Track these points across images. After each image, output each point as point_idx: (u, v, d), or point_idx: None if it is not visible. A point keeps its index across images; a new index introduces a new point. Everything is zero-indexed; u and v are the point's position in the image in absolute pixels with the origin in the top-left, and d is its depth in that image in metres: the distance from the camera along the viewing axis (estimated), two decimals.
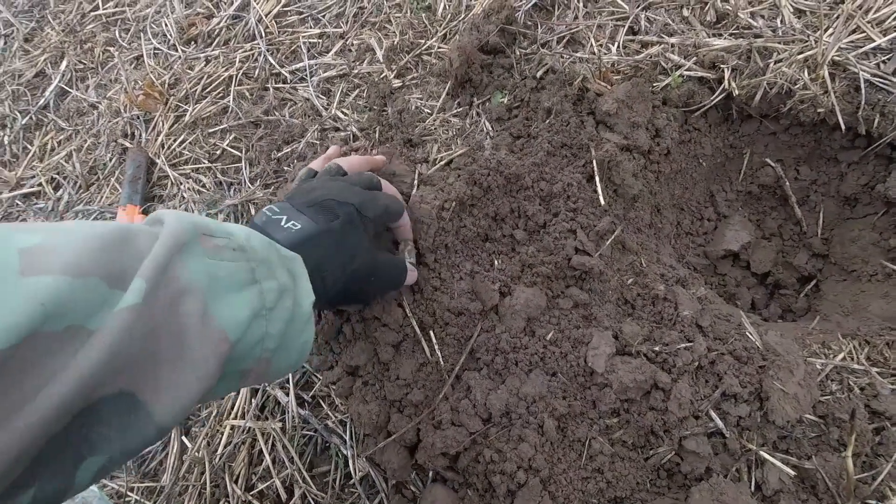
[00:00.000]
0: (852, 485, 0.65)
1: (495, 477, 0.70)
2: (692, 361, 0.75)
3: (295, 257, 0.48)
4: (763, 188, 1.09)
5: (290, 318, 0.43)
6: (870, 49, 0.94)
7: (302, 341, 0.46)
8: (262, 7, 1.47)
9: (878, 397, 0.70)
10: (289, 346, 0.44)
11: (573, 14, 1.16)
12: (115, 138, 1.45)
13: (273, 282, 0.42)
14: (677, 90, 1.01)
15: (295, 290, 0.45)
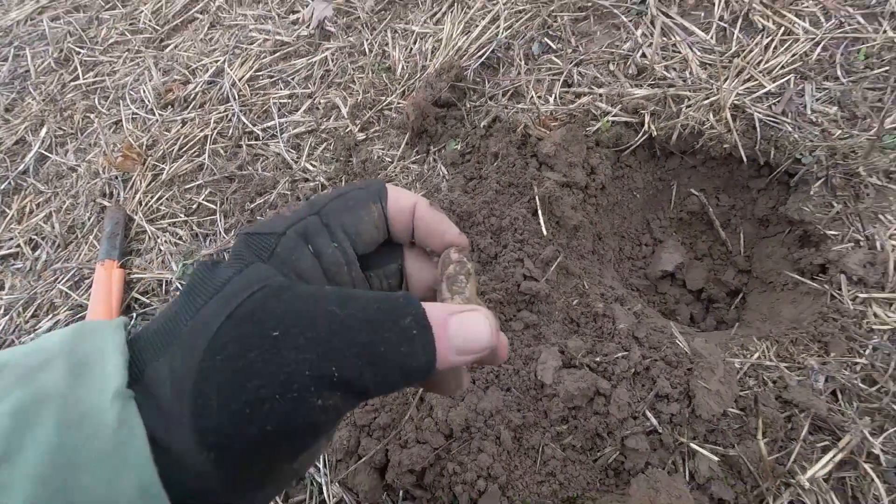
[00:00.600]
0: (769, 466, 0.73)
1: (458, 487, 0.76)
2: (629, 368, 0.84)
3: (101, 329, 0.29)
4: (691, 215, 1.22)
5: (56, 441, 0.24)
6: (762, 94, 1.10)
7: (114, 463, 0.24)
8: (236, 73, 1.60)
9: (788, 388, 0.80)
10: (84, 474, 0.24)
11: (516, 71, 1.31)
12: (94, 198, 1.52)
13: None
14: (607, 133, 1.15)
15: (74, 388, 0.25)
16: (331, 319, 0.27)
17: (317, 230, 0.34)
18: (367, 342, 0.27)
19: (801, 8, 1.20)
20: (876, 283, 0.88)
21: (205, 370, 0.25)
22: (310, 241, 0.33)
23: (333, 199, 0.35)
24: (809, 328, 0.87)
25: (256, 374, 0.25)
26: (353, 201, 0.35)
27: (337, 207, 0.35)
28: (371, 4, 1.57)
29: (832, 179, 0.99)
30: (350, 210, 0.35)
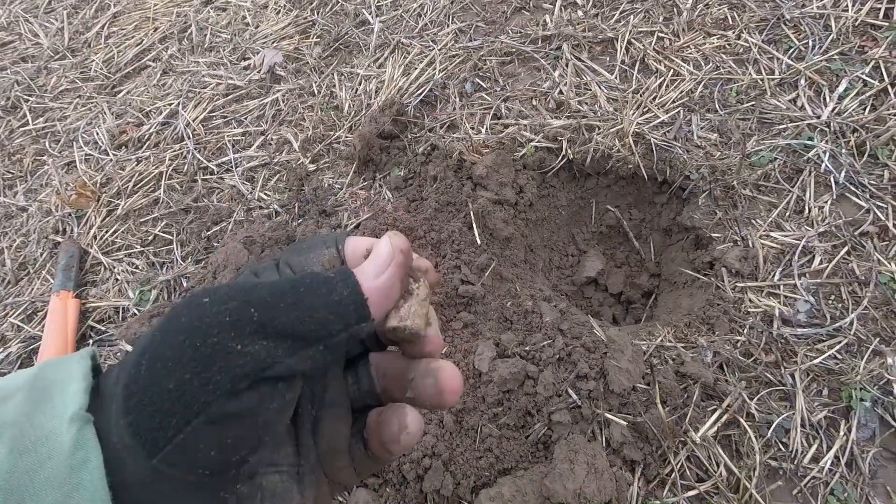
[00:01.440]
0: (668, 429, 0.86)
1: (405, 465, 0.85)
2: (554, 355, 0.96)
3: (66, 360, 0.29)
4: (610, 228, 1.39)
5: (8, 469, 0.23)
6: (657, 123, 1.30)
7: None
8: (190, 114, 1.69)
9: (684, 364, 0.95)
10: None
11: (451, 106, 1.48)
12: (46, 235, 1.55)
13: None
14: (532, 157, 1.32)
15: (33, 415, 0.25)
16: (257, 284, 0.28)
17: (266, 267, 0.36)
18: (287, 290, 0.28)
19: (685, 54, 1.43)
20: (750, 274, 1.06)
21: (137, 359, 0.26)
22: (259, 275, 0.35)
23: (294, 245, 0.38)
24: (700, 313, 1.02)
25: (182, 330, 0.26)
26: (305, 245, 0.37)
27: (289, 250, 0.37)
28: (318, 51, 1.72)
29: (714, 192, 1.18)
30: (300, 252, 0.36)
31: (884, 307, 0.98)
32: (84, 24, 2.11)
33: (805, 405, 0.89)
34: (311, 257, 0.36)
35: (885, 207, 1.09)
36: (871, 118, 1.20)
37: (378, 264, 0.31)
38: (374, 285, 0.30)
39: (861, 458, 0.85)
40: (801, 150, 1.20)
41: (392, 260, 0.31)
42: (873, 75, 1.26)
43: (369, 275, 0.30)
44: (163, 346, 0.26)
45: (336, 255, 0.36)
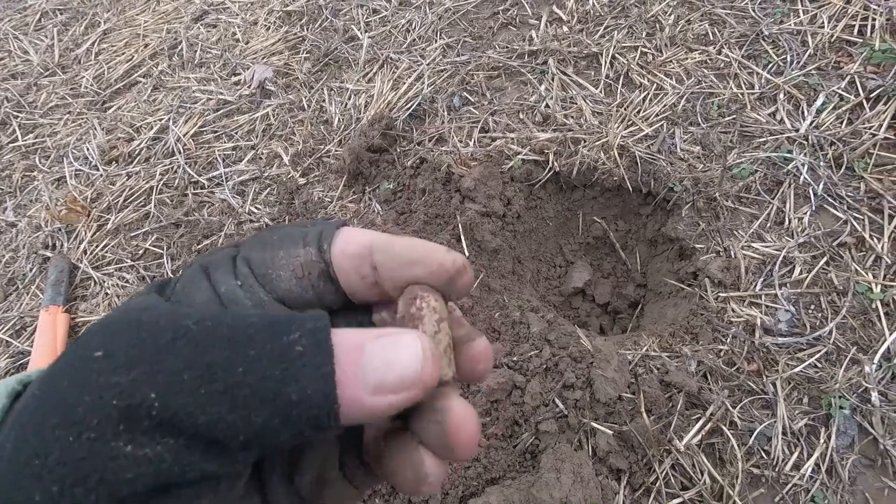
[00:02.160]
0: (653, 437, 0.88)
1: None
2: (541, 365, 0.98)
3: None
4: (597, 239, 1.42)
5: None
6: (641, 136, 1.33)
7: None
8: (181, 129, 1.70)
9: (669, 373, 0.96)
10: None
11: (440, 120, 1.50)
12: (36, 250, 1.55)
13: None
14: (519, 170, 1.34)
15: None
16: (177, 335, 0.19)
17: (220, 262, 0.26)
18: (217, 362, 0.19)
19: (668, 69, 1.47)
20: (732, 284, 1.08)
21: (9, 429, 0.19)
22: (210, 274, 0.26)
23: (265, 232, 0.28)
24: (684, 323, 1.04)
25: (56, 408, 0.18)
26: (277, 237, 0.27)
27: (255, 238, 0.27)
28: (308, 66, 1.74)
29: (697, 203, 1.21)
30: (266, 246, 0.26)
31: (861, 316, 1.00)
32: (74, 41, 2.12)
33: (786, 413, 0.91)
34: (279, 257, 0.26)
35: (861, 219, 1.12)
36: (848, 132, 1.23)
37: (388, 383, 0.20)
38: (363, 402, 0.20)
39: (841, 465, 0.87)
40: (780, 163, 1.23)
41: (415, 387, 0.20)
42: (849, 90, 1.30)
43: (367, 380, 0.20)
44: (31, 429, 0.18)
45: (316, 258, 0.26)
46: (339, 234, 0.26)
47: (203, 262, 0.27)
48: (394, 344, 0.21)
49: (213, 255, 0.27)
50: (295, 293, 0.26)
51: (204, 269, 0.26)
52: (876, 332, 0.98)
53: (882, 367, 0.93)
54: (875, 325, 0.98)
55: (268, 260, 0.26)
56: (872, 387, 0.91)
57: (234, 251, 0.27)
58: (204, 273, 0.26)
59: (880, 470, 0.87)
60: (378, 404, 0.20)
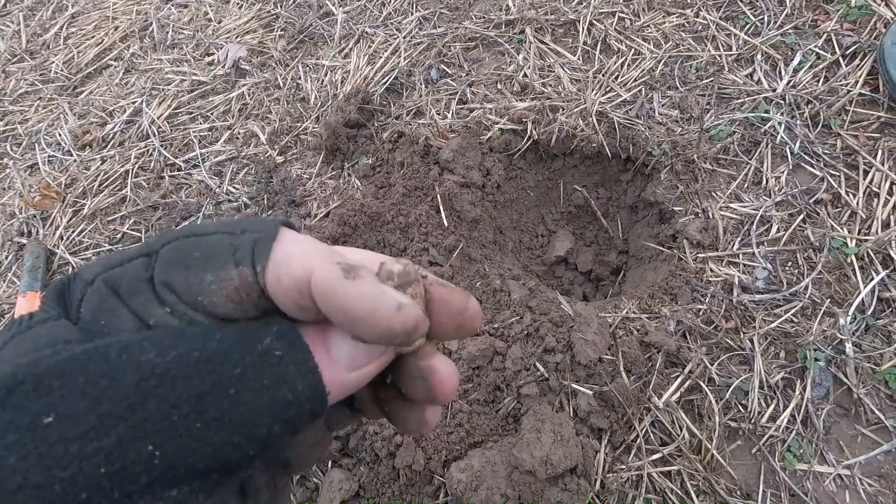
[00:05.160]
0: (632, 396, 0.89)
1: (378, 443, 0.86)
2: (522, 331, 0.98)
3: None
4: (578, 208, 1.41)
5: None
6: (620, 102, 1.32)
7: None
8: (154, 112, 1.67)
9: (648, 333, 0.97)
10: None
11: (417, 93, 1.48)
12: (11, 238, 1.52)
13: None
14: (498, 140, 1.33)
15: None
16: (143, 374, 0.17)
17: (135, 286, 0.22)
18: (205, 391, 0.18)
19: (646, 33, 1.45)
20: (710, 244, 1.08)
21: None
22: (126, 301, 0.22)
23: (182, 237, 0.23)
24: (663, 284, 1.05)
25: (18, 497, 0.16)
26: (200, 253, 0.22)
27: (174, 255, 0.22)
28: (283, 44, 1.71)
29: (675, 167, 1.21)
30: (189, 267, 0.22)
31: (836, 271, 1.01)
32: (41, 26, 2.06)
33: (763, 368, 0.92)
34: (208, 282, 0.21)
35: (837, 175, 1.13)
36: (824, 89, 1.23)
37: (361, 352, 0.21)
38: (345, 379, 0.21)
39: (816, 415, 0.88)
40: (758, 123, 1.23)
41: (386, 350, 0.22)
42: (825, 48, 1.29)
43: (343, 361, 0.21)
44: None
45: (252, 279, 0.21)
46: (274, 251, 0.22)
47: (110, 278, 0.22)
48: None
49: (123, 268, 0.22)
50: (235, 315, 0.22)
51: (113, 290, 0.22)
52: (850, 285, 0.99)
53: (856, 320, 0.95)
54: (850, 279, 0.99)
55: (194, 287, 0.21)
56: (847, 338, 0.92)
57: (144, 267, 0.22)
58: (115, 296, 0.22)
59: (854, 418, 0.89)
60: (358, 377, 0.21)
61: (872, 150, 1.13)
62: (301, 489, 0.91)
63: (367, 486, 0.88)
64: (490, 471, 0.81)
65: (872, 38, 1.25)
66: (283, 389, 0.19)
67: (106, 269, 0.23)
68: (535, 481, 0.80)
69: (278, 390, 0.19)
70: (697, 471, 0.86)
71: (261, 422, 0.19)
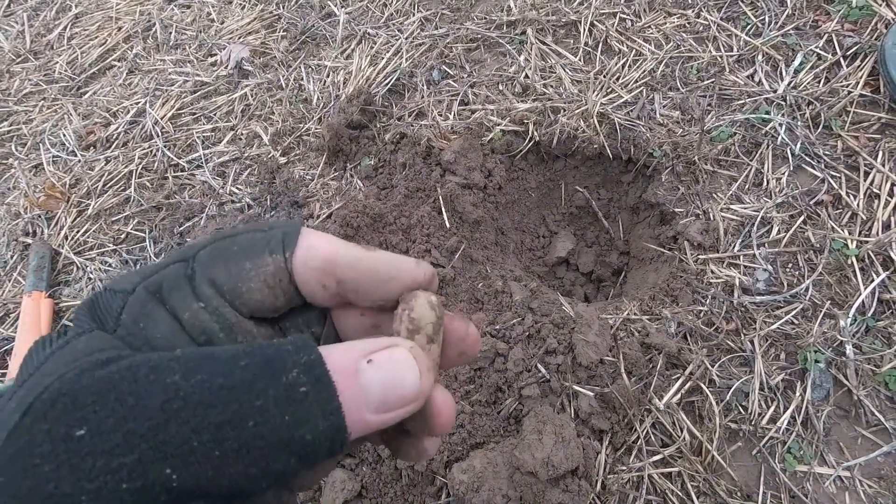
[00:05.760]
0: (633, 397, 0.89)
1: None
2: (523, 332, 0.98)
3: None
4: (579, 209, 1.42)
5: None
6: (621, 103, 1.33)
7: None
8: (158, 112, 1.68)
9: (649, 335, 0.98)
10: None
11: (419, 94, 1.49)
12: (16, 237, 1.53)
13: None
14: (499, 141, 1.34)
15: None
16: (168, 396, 0.18)
17: (175, 284, 0.24)
18: (226, 420, 0.18)
19: (647, 34, 1.46)
20: (711, 246, 1.09)
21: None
22: (164, 300, 0.24)
23: (217, 240, 0.26)
24: (664, 286, 1.05)
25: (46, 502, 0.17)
26: (238, 247, 0.25)
27: (212, 254, 0.25)
28: (285, 45, 1.71)
29: (677, 168, 1.21)
30: (228, 259, 0.25)
31: (837, 272, 1.02)
32: (45, 27, 2.07)
33: (763, 369, 0.93)
34: (247, 269, 0.24)
35: (838, 176, 1.13)
36: (825, 90, 1.23)
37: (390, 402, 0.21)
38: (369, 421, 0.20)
39: (816, 417, 0.89)
40: (758, 124, 1.23)
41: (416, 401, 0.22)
42: (826, 48, 1.29)
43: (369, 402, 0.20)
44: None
45: (283, 265, 0.25)
46: (301, 241, 0.25)
47: (150, 284, 0.24)
48: (390, 362, 0.21)
49: (161, 274, 0.25)
50: (267, 302, 0.25)
51: (154, 293, 0.24)
52: (851, 287, 0.99)
53: (857, 321, 0.95)
54: (850, 281, 1.00)
55: (234, 274, 0.25)
56: (847, 340, 0.93)
57: (185, 267, 0.25)
58: (156, 298, 0.24)
59: (854, 420, 0.89)
60: (381, 421, 0.21)
61: (873, 151, 1.14)
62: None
63: (370, 486, 0.89)
64: (492, 472, 0.81)
65: (873, 38, 1.25)
66: (304, 429, 0.19)
67: (145, 278, 0.25)
68: (536, 482, 0.81)
69: (299, 429, 0.19)
70: (698, 472, 0.87)
71: (278, 457, 0.19)
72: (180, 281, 0.24)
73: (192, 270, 0.25)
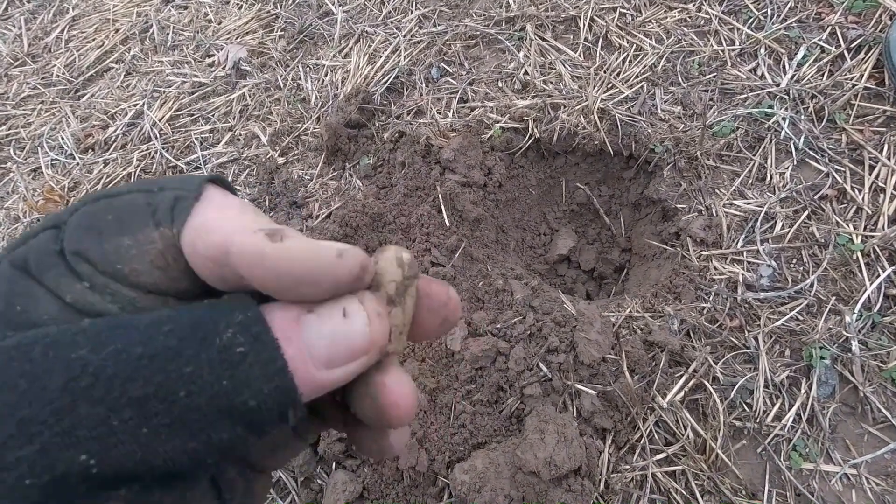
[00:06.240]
0: (636, 395, 0.88)
1: None
2: (525, 331, 0.98)
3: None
4: (580, 206, 1.41)
5: None
6: (621, 98, 1.31)
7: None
8: (156, 114, 1.67)
9: (652, 333, 0.96)
10: None
11: (418, 93, 1.48)
12: None
13: None
14: (499, 139, 1.32)
15: None
16: (73, 374, 0.15)
17: (44, 260, 0.19)
18: (150, 393, 0.16)
19: (648, 29, 1.44)
20: (714, 242, 1.08)
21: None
22: (39, 279, 0.19)
23: (90, 202, 0.21)
24: (666, 283, 1.04)
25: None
26: (113, 215, 0.20)
27: (81, 223, 0.20)
28: (283, 44, 1.70)
29: (678, 164, 1.20)
30: (101, 232, 0.20)
31: (842, 268, 1.00)
32: (43, 29, 2.06)
33: (768, 366, 0.92)
34: (126, 247, 0.19)
35: (842, 171, 1.12)
36: (829, 83, 1.22)
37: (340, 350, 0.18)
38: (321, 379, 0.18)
39: (821, 414, 0.88)
40: (761, 119, 1.21)
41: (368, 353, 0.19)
42: (830, 41, 1.28)
43: (318, 358, 0.18)
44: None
45: (171, 240, 0.20)
46: (192, 216, 0.20)
47: (15, 259, 0.20)
48: (334, 308, 0.18)
49: (28, 246, 0.20)
50: (163, 286, 0.20)
51: (22, 268, 0.19)
52: (857, 282, 0.98)
53: (862, 317, 0.94)
54: (856, 276, 0.99)
55: (111, 254, 0.19)
56: (853, 336, 0.91)
57: (53, 239, 0.20)
58: (26, 275, 0.19)
59: (860, 417, 0.88)
60: (333, 378, 0.18)
61: (878, 144, 1.12)
62: (306, 491, 0.92)
63: (371, 487, 0.88)
64: (494, 472, 0.81)
65: (878, 30, 1.24)
66: (245, 393, 0.16)
67: (10, 250, 0.20)
68: (538, 482, 0.80)
69: (240, 394, 0.16)
70: (702, 470, 0.86)
71: (221, 427, 0.16)
72: (50, 257, 0.19)
73: (62, 243, 0.20)
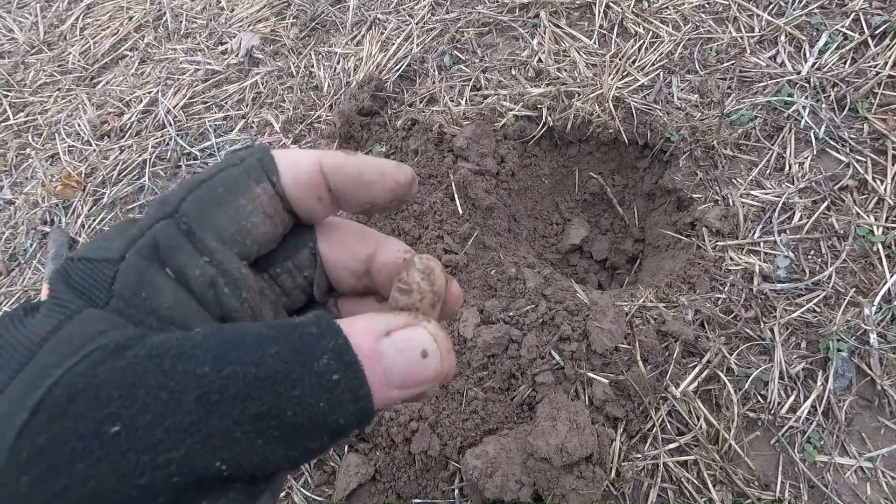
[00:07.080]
0: (648, 385, 0.88)
1: (393, 429, 0.87)
2: (537, 319, 0.97)
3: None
4: (593, 195, 1.39)
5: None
6: (637, 86, 1.30)
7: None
8: (170, 101, 1.68)
9: (665, 322, 0.96)
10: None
11: (431, 80, 1.47)
12: (35, 226, 1.55)
13: None
14: (512, 127, 1.32)
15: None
16: (203, 391, 0.18)
17: (173, 243, 0.23)
18: (264, 411, 0.19)
19: (664, 16, 1.42)
20: (730, 232, 1.06)
21: None
22: (166, 261, 0.22)
23: (194, 188, 0.24)
24: (681, 273, 1.03)
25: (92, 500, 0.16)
26: (223, 188, 0.24)
27: (200, 202, 0.23)
28: (295, 32, 1.70)
29: (695, 153, 1.18)
30: (220, 203, 0.23)
31: (862, 259, 0.99)
32: (58, 17, 2.08)
33: (783, 358, 0.91)
34: (244, 206, 0.24)
35: (864, 161, 1.09)
36: (852, 71, 1.19)
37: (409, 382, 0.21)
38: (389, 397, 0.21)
39: (837, 406, 0.87)
40: (781, 107, 1.19)
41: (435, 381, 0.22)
42: (853, 28, 1.25)
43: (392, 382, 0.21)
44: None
45: (273, 192, 0.24)
46: (279, 163, 0.25)
47: (142, 248, 0.22)
48: (410, 345, 0.22)
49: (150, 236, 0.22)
50: (271, 234, 0.25)
51: (149, 257, 0.22)
52: (877, 274, 0.96)
53: (882, 309, 0.92)
54: (876, 268, 0.97)
55: (234, 214, 0.24)
56: (871, 328, 0.90)
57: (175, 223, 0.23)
58: (153, 263, 0.22)
59: (877, 410, 0.87)
60: (401, 396, 0.22)
61: None
62: (318, 473, 0.93)
63: (383, 470, 0.89)
64: (505, 457, 0.81)
65: None
66: (337, 413, 0.20)
67: (130, 244, 0.22)
68: (550, 468, 0.80)
69: (333, 414, 0.20)
70: (714, 461, 0.86)
71: (314, 437, 0.20)
72: (178, 239, 0.23)
73: (187, 224, 0.23)
